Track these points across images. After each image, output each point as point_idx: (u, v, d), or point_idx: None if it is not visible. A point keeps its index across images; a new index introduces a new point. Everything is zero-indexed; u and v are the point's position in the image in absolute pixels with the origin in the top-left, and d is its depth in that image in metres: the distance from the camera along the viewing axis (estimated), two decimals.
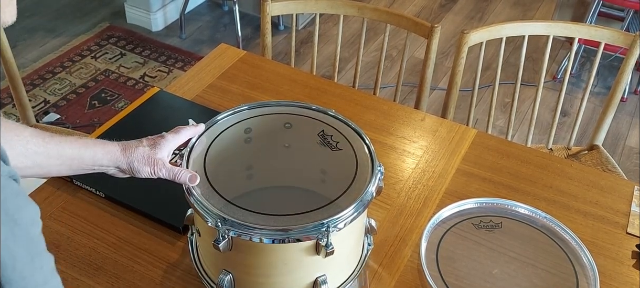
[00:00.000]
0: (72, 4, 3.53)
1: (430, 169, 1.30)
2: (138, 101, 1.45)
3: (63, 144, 0.90)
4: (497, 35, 1.66)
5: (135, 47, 3.19)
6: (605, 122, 1.78)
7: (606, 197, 1.26)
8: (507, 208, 1.20)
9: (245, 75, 1.56)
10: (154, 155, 0.95)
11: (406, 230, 1.17)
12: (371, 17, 1.73)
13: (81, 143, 0.92)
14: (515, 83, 1.74)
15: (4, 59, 1.75)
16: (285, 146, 1.07)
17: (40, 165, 0.88)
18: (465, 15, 3.57)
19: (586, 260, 1.10)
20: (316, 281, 0.97)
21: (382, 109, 1.47)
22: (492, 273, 1.07)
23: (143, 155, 0.95)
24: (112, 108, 2.78)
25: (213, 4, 3.58)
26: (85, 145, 0.92)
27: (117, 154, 0.94)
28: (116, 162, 0.95)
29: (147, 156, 0.95)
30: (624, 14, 3.04)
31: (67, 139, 0.91)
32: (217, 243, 0.90)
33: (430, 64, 1.69)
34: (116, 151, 0.94)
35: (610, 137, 2.72)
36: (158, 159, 0.95)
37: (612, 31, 1.66)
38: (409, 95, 2.92)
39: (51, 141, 0.89)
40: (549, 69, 3.07)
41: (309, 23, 3.43)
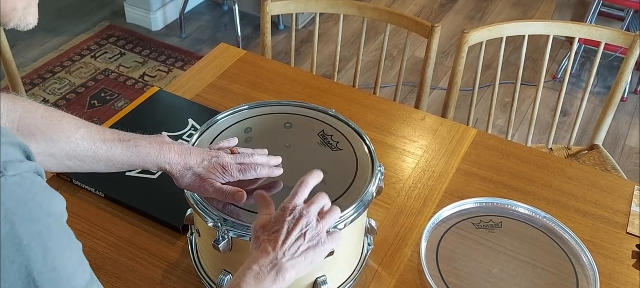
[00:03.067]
0: (71, 3, 3.53)
1: (430, 169, 1.30)
2: (138, 101, 1.45)
3: (113, 150, 0.89)
4: (497, 35, 1.66)
5: (135, 47, 3.19)
6: (605, 122, 1.78)
7: (606, 197, 1.26)
8: (507, 208, 1.20)
9: (245, 74, 1.56)
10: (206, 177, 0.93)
11: (406, 229, 1.17)
12: (371, 16, 1.73)
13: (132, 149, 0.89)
14: (515, 83, 1.74)
15: (4, 59, 1.75)
16: (285, 146, 1.07)
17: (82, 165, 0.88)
18: (466, 15, 3.57)
19: (586, 259, 1.10)
20: (316, 281, 0.97)
21: (382, 108, 1.47)
22: (492, 272, 1.07)
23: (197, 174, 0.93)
24: (112, 107, 2.78)
25: (213, 4, 3.58)
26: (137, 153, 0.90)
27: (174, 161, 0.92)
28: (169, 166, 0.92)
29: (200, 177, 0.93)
30: (624, 13, 3.04)
31: (117, 145, 0.89)
32: (217, 244, 0.90)
33: (431, 63, 1.69)
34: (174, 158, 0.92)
35: (610, 137, 2.72)
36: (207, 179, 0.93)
37: (612, 31, 1.66)
38: (409, 95, 2.92)
39: (102, 146, 0.88)
40: (549, 69, 3.07)
41: (309, 22, 3.42)
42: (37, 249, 0.48)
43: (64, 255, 0.51)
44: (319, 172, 0.89)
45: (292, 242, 0.79)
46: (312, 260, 0.81)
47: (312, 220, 0.82)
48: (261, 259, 0.78)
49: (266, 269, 0.77)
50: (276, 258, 0.78)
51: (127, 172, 1.19)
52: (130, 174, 1.21)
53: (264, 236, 0.81)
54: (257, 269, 0.77)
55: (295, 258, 0.79)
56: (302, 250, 0.80)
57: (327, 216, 0.84)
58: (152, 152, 0.92)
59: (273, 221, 0.82)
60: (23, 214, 0.47)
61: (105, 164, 0.90)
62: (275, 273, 0.77)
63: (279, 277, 0.77)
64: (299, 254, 0.79)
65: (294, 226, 0.80)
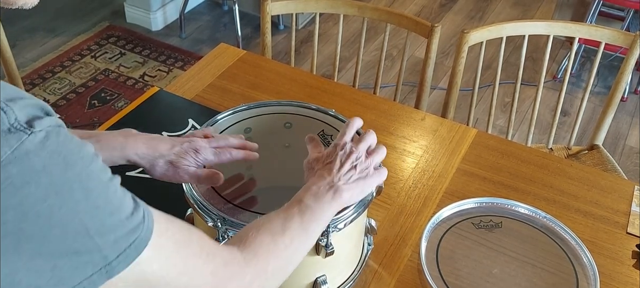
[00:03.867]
0: (72, 3, 3.53)
1: (430, 169, 1.30)
2: (138, 101, 1.45)
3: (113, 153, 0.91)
4: (497, 35, 1.66)
5: (135, 47, 3.19)
6: (605, 122, 1.78)
7: (606, 197, 1.26)
8: (507, 208, 1.20)
9: (245, 75, 1.56)
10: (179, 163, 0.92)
11: (406, 229, 1.17)
12: (371, 16, 1.73)
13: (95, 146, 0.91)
14: (516, 83, 1.74)
15: (4, 59, 1.75)
16: (285, 146, 1.07)
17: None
18: (466, 15, 3.57)
19: (586, 259, 1.10)
20: (316, 281, 0.97)
21: (382, 108, 1.47)
22: (492, 272, 1.07)
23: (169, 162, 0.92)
24: (112, 107, 2.78)
25: (213, 4, 3.58)
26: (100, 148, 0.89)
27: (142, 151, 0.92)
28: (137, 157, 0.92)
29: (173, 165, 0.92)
30: (624, 13, 3.04)
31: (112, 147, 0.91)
32: None
33: (431, 63, 1.69)
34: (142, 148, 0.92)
35: (610, 137, 2.72)
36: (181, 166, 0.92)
37: (612, 31, 1.66)
38: (409, 95, 2.92)
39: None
40: (549, 69, 3.07)
41: (309, 22, 3.42)
42: (79, 192, 0.50)
43: (107, 191, 0.53)
44: (359, 119, 0.96)
45: (345, 172, 0.86)
46: (363, 190, 0.87)
47: (362, 155, 0.89)
48: (319, 182, 0.84)
49: (325, 189, 0.83)
50: (333, 181, 0.84)
51: (127, 172, 1.19)
52: (130, 175, 1.21)
53: (318, 166, 0.87)
54: (315, 189, 0.83)
55: (349, 184, 0.85)
56: (354, 179, 0.86)
57: (375, 154, 0.91)
58: (116, 145, 0.91)
59: (326, 155, 0.88)
60: (58, 163, 0.49)
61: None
62: (333, 192, 0.83)
63: (337, 196, 0.83)
64: (352, 182, 0.86)
65: (346, 159, 0.87)
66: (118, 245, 0.53)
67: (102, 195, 0.52)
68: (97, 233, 0.51)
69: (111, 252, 0.53)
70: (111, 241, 0.52)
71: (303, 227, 0.78)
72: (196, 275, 0.62)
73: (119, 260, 0.53)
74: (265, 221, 0.77)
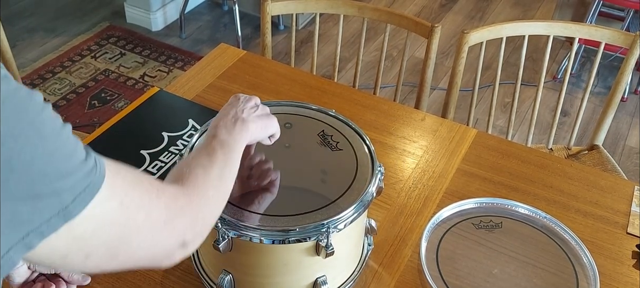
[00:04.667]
0: (72, 3, 3.53)
1: (430, 169, 1.30)
2: (138, 101, 1.45)
3: None
4: (497, 35, 1.66)
5: (135, 47, 3.19)
6: (605, 122, 1.78)
7: (606, 197, 1.26)
8: (507, 208, 1.20)
9: (245, 75, 1.56)
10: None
11: (406, 230, 1.17)
12: (371, 17, 1.73)
13: None
14: (516, 83, 1.74)
15: (4, 59, 1.75)
16: (285, 146, 1.07)
17: None
18: (466, 15, 3.57)
19: (586, 260, 1.10)
20: (316, 282, 0.97)
21: (382, 109, 1.47)
22: (492, 273, 1.07)
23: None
24: (112, 107, 2.78)
25: (213, 4, 3.58)
26: None
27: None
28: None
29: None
30: (624, 14, 3.04)
31: None
32: (217, 244, 0.90)
33: (431, 64, 1.69)
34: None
35: (610, 137, 2.72)
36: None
37: (612, 31, 1.66)
38: (409, 95, 2.92)
39: None
40: (549, 69, 3.07)
41: (309, 23, 3.42)
42: (35, 138, 0.52)
43: (60, 137, 0.55)
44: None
45: (248, 108, 0.93)
46: (266, 125, 0.94)
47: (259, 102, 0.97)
48: (226, 117, 0.90)
49: (232, 122, 0.89)
50: (236, 114, 0.91)
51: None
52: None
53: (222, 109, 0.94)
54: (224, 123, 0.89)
55: (254, 116, 0.92)
56: (259, 114, 0.93)
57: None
58: None
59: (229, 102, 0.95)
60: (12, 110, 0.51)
61: None
62: (241, 123, 0.89)
63: (244, 126, 0.89)
64: (257, 115, 0.93)
65: (248, 101, 0.95)
66: (74, 189, 0.55)
67: (56, 141, 0.54)
68: (54, 178, 0.53)
69: (68, 195, 0.54)
70: (68, 185, 0.54)
71: (225, 158, 0.84)
72: (152, 209, 0.65)
73: (75, 203, 0.55)
74: (192, 159, 0.82)
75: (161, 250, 0.68)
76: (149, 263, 0.68)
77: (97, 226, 0.58)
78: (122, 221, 0.61)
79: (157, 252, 0.68)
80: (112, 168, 0.61)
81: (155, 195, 0.66)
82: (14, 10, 3.42)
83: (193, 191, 0.74)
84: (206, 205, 0.76)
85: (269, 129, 0.96)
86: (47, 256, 0.56)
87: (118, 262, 0.63)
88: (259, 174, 1.01)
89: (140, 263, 0.67)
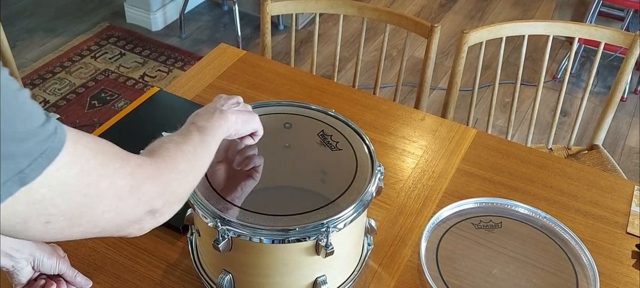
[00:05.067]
0: (71, 3, 3.53)
1: (430, 169, 1.30)
2: (138, 101, 1.45)
3: None
4: (497, 35, 1.66)
5: (135, 47, 3.19)
6: (605, 122, 1.78)
7: (606, 197, 1.26)
8: (507, 208, 1.20)
9: (245, 75, 1.56)
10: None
11: (406, 230, 1.17)
12: (371, 16, 1.73)
13: None
14: (515, 83, 1.74)
15: (4, 59, 1.75)
16: (285, 146, 1.07)
17: None
18: (465, 15, 3.57)
19: (586, 259, 1.10)
20: (316, 281, 0.97)
21: (382, 109, 1.47)
22: (492, 273, 1.07)
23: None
24: (112, 107, 2.78)
25: (213, 4, 3.58)
26: None
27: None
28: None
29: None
30: (624, 13, 3.04)
31: None
32: (217, 244, 0.90)
33: (430, 63, 1.69)
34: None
35: (610, 137, 2.72)
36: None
37: (612, 31, 1.66)
38: (409, 95, 2.92)
39: None
40: (549, 69, 3.07)
41: (309, 23, 3.42)
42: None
43: (16, 99, 0.54)
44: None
45: (229, 104, 0.95)
46: (247, 119, 0.95)
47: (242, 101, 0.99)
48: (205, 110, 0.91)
49: (211, 112, 0.90)
50: (216, 108, 0.92)
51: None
52: None
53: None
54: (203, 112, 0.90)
55: (234, 110, 0.94)
56: (240, 109, 0.95)
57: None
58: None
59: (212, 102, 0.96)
60: None
61: None
62: (219, 113, 0.90)
63: (223, 116, 0.90)
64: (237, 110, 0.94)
65: (230, 98, 0.97)
66: (30, 153, 0.54)
67: (12, 103, 0.54)
68: (10, 140, 0.53)
69: (23, 159, 0.54)
70: (23, 149, 0.54)
71: (201, 140, 0.84)
72: (116, 177, 0.64)
73: (32, 167, 0.54)
74: (166, 138, 0.82)
75: (127, 218, 0.67)
76: (116, 230, 0.68)
77: (56, 192, 0.58)
78: (82, 188, 0.60)
79: (123, 220, 0.67)
80: (74, 134, 0.60)
81: (119, 164, 0.65)
82: (14, 10, 3.42)
83: (162, 162, 0.74)
84: (176, 177, 0.75)
85: (250, 124, 0.96)
86: (7, 220, 0.56)
87: (82, 229, 0.63)
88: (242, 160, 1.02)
89: (107, 231, 0.67)
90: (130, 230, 0.70)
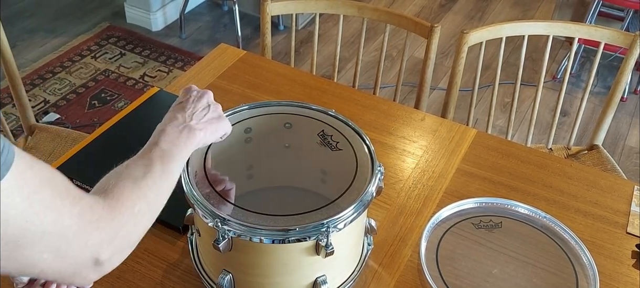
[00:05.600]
0: (72, 4, 3.53)
1: (430, 169, 1.31)
2: (138, 101, 1.45)
3: None
4: (497, 35, 1.66)
5: (135, 47, 3.20)
6: (605, 122, 1.78)
7: (606, 197, 1.26)
8: (507, 208, 1.20)
9: (245, 75, 1.56)
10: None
11: (406, 229, 1.17)
12: (371, 17, 1.74)
13: None
14: (515, 83, 1.74)
15: (4, 59, 1.75)
16: (285, 146, 1.07)
17: None
18: (465, 15, 3.57)
19: (586, 259, 1.10)
20: (316, 281, 0.97)
21: (382, 109, 1.47)
22: (492, 272, 1.07)
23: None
24: (112, 107, 2.78)
25: (213, 4, 3.59)
26: None
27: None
28: None
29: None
30: (623, 14, 3.04)
31: None
32: (217, 244, 0.90)
33: (430, 64, 1.69)
34: None
35: (610, 137, 2.72)
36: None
37: (612, 31, 1.66)
38: (409, 95, 2.93)
39: None
40: (548, 69, 3.07)
41: (309, 23, 3.43)
42: None
43: None
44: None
45: (199, 110, 0.91)
46: (216, 128, 0.92)
47: (212, 100, 0.95)
48: (172, 122, 0.87)
49: (178, 131, 0.86)
50: (185, 121, 0.88)
51: None
52: None
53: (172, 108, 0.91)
54: (169, 131, 0.86)
55: (203, 123, 0.90)
56: (209, 118, 0.91)
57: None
58: None
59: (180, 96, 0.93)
60: None
61: None
62: (187, 132, 0.86)
63: (191, 135, 0.86)
64: (206, 121, 0.91)
65: (199, 99, 0.92)
66: None
67: None
68: None
69: None
70: None
71: (163, 169, 0.80)
72: (63, 214, 0.60)
73: None
74: (124, 169, 0.77)
75: (71, 264, 0.63)
76: (58, 276, 0.64)
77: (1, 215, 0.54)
78: (23, 219, 0.56)
79: (66, 266, 0.62)
80: (26, 160, 0.57)
81: (69, 201, 0.61)
82: (14, 11, 3.42)
83: (116, 204, 0.69)
84: (131, 219, 0.70)
85: (218, 132, 0.94)
86: None
87: (18, 264, 0.59)
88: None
89: (48, 274, 0.62)
90: (73, 280, 0.65)
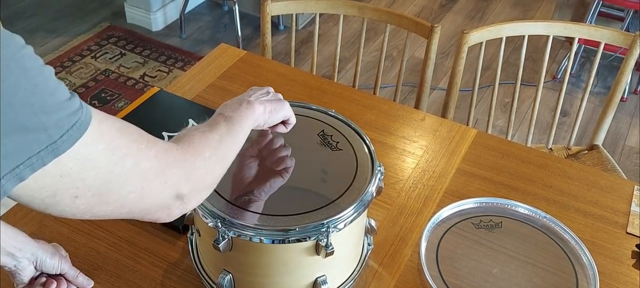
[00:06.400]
0: (72, 4, 3.53)
1: (430, 169, 1.31)
2: (138, 101, 1.45)
3: None
4: (497, 35, 1.66)
5: (135, 47, 3.20)
6: (605, 122, 1.78)
7: (606, 197, 1.26)
8: (507, 208, 1.20)
9: (246, 75, 1.56)
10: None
11: (406, 229, 1.17)
12: (371, 17, 1.74)
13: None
14: (515, 83, 1.74)
15: None
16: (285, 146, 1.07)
17: None
18: (466, 15, 3.57)
19: (586, 259, 1.10)
20: (316, 281, 0.97)
21: (382, 109, 1.47)
22: (492, 272, 1.07)
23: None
24: (112, 107, 2.78)
25: (213, 4, 3.59)
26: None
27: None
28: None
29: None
30: (624, 14, 3.04)
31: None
32: (217, 244, 0.90)
33: (431, 64, 1.69)
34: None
35: (610, 137, 2.72)
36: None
37: (612, 31, 1.66)
38: (409, 95, 2.93)
39: None
40: (549, 69, 3.07)
41: (309, 23, 3.43)
42: (17, 71, 0.53)
43: (43, 73, 0.56)
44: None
45: (258, 93, 0.96)
46: (276, 108, 0.96)
47: (272, 90, 1.00)
48: (232, 102, 0.92)
49: (237, 103, 0.91)
50: (243, 99, 0.93)
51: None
52: None
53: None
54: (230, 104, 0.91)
55: (262, 100, 0.94)
56: (268, 99, 0.95)
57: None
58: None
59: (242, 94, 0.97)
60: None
61: None
62: (247, 104, 0.91)
63: (250, 106, 0.91)
64: (266, 99, 0.95)
65: (259, 89, 0.98)
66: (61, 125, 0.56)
67: (39, 75, 0.55)
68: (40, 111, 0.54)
69: (56, 130, 0.55)
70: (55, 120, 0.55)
71: (228, 130, 0.85)
72: (141, 158, 0.65)
73: (64, 139, 0.56)
74: (193, 127, 0.82)
75: (154, 202, 0.68)
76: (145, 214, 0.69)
77: (83, 166, 0.59)
78: (108, 165, 0.61)
79: (151, 204, 0.68)
80: (101, 114, 0.62)
81: (145, 145, 0.66)
82: (15, 11, 3.42)
83: (187, 149, 0.75)
84: (202, 164, 0.76)
85: (279, 112, 0.96)
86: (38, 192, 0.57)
87: (111, 208, 0.64)
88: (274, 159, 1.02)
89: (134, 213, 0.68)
90: (159, 215, 0.71)
